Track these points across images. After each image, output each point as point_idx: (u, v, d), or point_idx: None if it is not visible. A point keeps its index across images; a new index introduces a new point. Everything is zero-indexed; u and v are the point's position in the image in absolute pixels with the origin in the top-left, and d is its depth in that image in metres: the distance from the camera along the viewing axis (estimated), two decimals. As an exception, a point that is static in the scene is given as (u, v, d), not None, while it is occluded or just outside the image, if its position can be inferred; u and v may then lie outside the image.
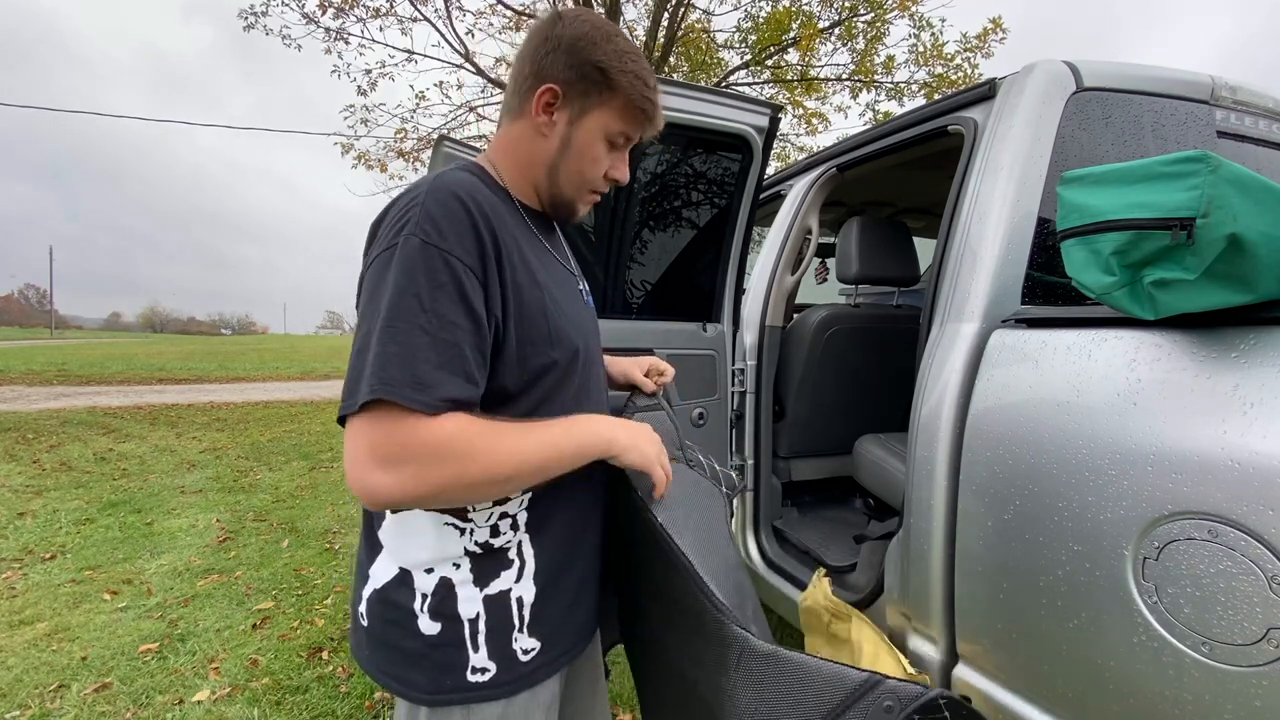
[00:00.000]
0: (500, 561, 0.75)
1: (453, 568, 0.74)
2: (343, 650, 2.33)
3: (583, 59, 0.77)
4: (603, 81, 0.77)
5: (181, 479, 4.88)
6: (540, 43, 0.79)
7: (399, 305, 0.63)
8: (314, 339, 61.37)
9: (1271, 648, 0.69)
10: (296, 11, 6.91)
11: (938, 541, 1.12)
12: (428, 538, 0.74)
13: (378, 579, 0.75)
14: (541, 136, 0.79)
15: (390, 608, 0.74)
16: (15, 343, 32.21)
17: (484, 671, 0.74)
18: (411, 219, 0.66)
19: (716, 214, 1.78)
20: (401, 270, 0.63)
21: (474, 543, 0.74)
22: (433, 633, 0.73)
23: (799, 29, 7.34)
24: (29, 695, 2.01)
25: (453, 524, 0.74)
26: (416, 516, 0.74)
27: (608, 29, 0.79)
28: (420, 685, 0.73)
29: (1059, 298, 1.19)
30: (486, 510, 0.75)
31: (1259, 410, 0.72)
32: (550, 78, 0.77)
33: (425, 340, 0.62)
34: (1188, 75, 1.34)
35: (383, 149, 7.93)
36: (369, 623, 0.76)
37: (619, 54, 0.78)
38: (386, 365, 0.61)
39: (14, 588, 2.85)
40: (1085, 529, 0.87)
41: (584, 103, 0.78)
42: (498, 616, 0.75)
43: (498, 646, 0.75)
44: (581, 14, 0.80)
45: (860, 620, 1.29)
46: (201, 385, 12.20)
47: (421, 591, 0.73)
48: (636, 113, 0.80)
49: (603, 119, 0.79)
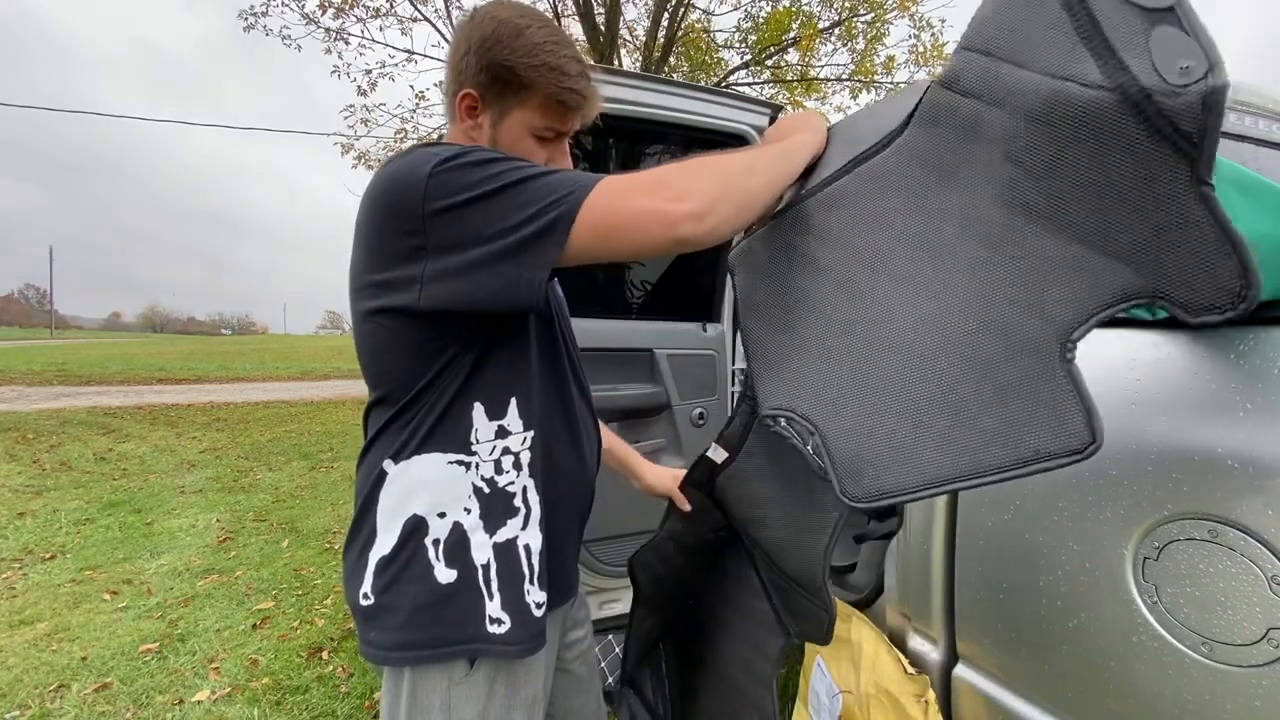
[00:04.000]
0: (507, 507, 0.76)
1: (464, 512, 0.74)
2: (343, 650, 2.33)
3: (491, 60, 0.76)
4: (514, 80, 0.76)
5: (181, 479, 4.88)
6: (455, 47, 0.79)
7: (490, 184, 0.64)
8: (314, 339, 61.41)
9: (1271, 648, 0.69)
10: (296, 12, 6.92)
11: (938, 541, 1.12)
12: (437, 479, 0.74)
13: (382, 546, 0.75)
14: (472, 140, 0.80)
15: (402, 566, 0.74)
16: (15, 343, 32.21)
17: (500, 623, 0.74)
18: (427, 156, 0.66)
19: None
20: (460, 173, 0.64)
21: (480, 478, 0.75)
22: (449, 580, 0.73)
23: (799, 29, 7.35)
24: (29, 695, 2.01)
25: (458, 460, 0.74)
26: (422, 460, 0.74)
27: (517, 23, 0.77)
28: (440, 639, 0.73)
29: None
30: (489, 444, 0.75)
31: (1259, 410, 0.72)
32: (467, 83, 0.78)
33: (544, 171, 0.66)
34: (1188, 75, 1.34)
35: (383, 149, 7.94)
36: (375, 598, 0.74)
37: (528, 49, 0.76)
38: (554, 187, 0.64)
39: (14, 588, 2.85)
40: (1085, 529, 0.87)
41: (502, 104, 0.78)
42: (508, 564, 0.76)
43: (511, 596, 0.75)
44: (492, 10, 0.79)
45: (860, 620, 1.29)
46: (201, 385, 12.20)
47: (434, 539, 0.74)
48: (557, 106, 0.78)
49: (523, 117, 0.78)
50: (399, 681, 0.75)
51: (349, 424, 7.75)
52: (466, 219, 0.64)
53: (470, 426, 0.75)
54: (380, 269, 0.69)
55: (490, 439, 0.75)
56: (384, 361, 0.75)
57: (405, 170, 0.67)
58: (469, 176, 0.64)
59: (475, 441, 0.75)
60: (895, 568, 1.26)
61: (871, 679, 1.17)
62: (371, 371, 0.77)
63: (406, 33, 7.46)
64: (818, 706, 1.34)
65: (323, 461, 5.66)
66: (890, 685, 1.13)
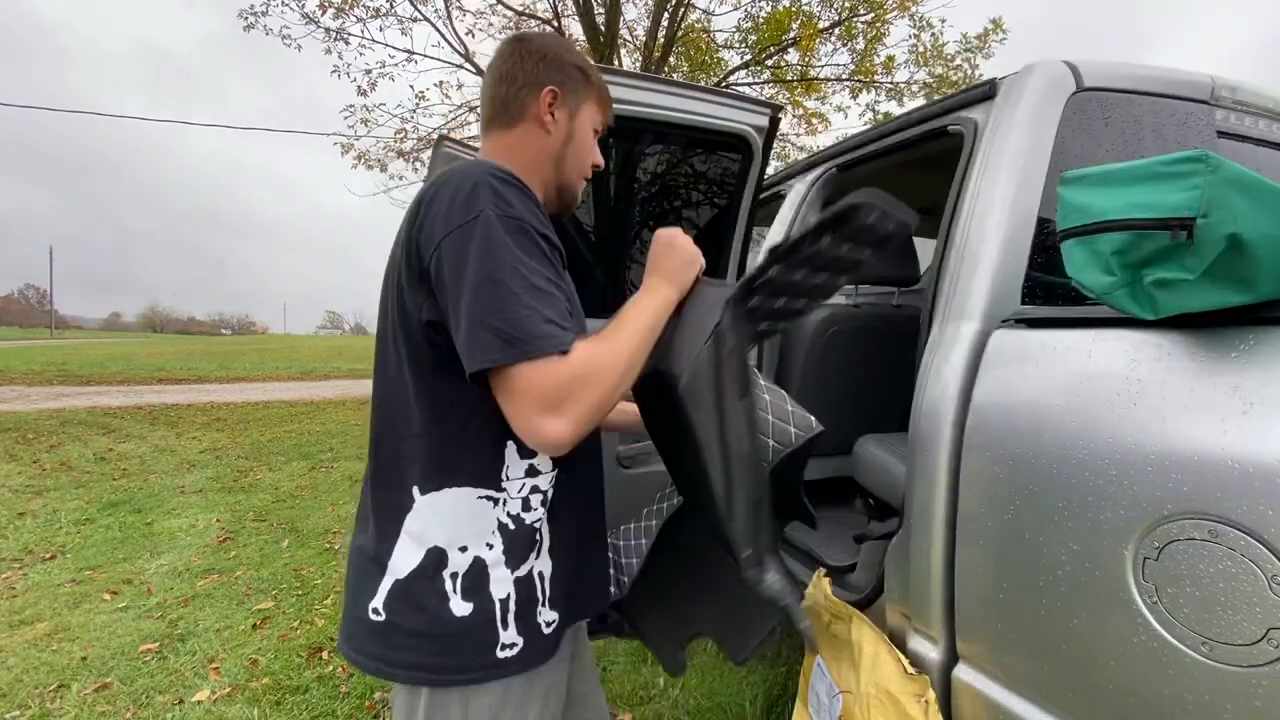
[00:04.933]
0: (528, 540, 0.80)
1: (486, 547, 0.77)
2: (343, 650, 2.33)
3: (566, 63, 0.89)
4: (584, 79, 0.91)
5: (181, 479, 4.88)
6: (520, 60, 0.88)
7: (503, 270, 0.67)
8: (314, 339, 61.40)
9: (1271, 648, 0.69)
10: (296, 11, 6.91)
11: (938, 541, 1.12)
12: (463, 514, 0.77)
13: (400, 569, 0.76)
14: (546, 133, 0.88)
15: (417, 594, 0.76)
16: (15, 343, 32.20)
17: (512, 647, 0.78)
18: (479, 196, 0.70)
19: (716, 214, 1.78)
20: (492, 240, 0.68)
21: (507, 514, 0.78)
22: (464, 614, 0.76)
23: (799, 29, 7.35)
24: (29, 695, 2.01)
25: (488, 496, 0.77)
26: (452, 494, 0.76)
27: (566, 40, 0.94)
28: (447, 667, 0.76)
29: (1059, 298, 1.19)
30: (519, 481, 0.79)
31: (1259, 410, 0.72)
32: (548, 81, 0.87)
33: (540, 297, 0.68)
34: (1187, 75, 1.34)
35: (383, 149, 7.94)
36: (386, 615, 0.76)
37: (584, 57, 0.93)
38: (514, 324, 0.66)
39: (14, 588, 2.85)
40: (1085, 529, 0.87)
41: (576, 99, 0.90)
42: (525, 594, 0.79)
43: (525, 622, 0.79)
44: (539, 33, 0.96)
45: (860, 620, 1.29)
46: (201, 385, 12.20)
47: (453, 572, 0.76)
48: (608, 104, 0.95)
49: (590, 110, 0.92)
50: (415, 696, 0.78)
51: (349, 424, 7.75)
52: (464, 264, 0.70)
53: (503, 464, 0.77)
54: None
55: (520, 477, 0.79)
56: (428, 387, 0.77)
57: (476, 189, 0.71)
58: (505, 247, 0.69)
59: (505, 479, 0.78)
60: (895, 568, 1.26)
61: (872, 679, 1.17)
62: (417, 390, 0.78)
63: (406, 33, 7.46)
64: (818, 706, 1.34)
65: (323, 461, 5.66)
66: (890, 685, 1.13)
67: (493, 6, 7.58)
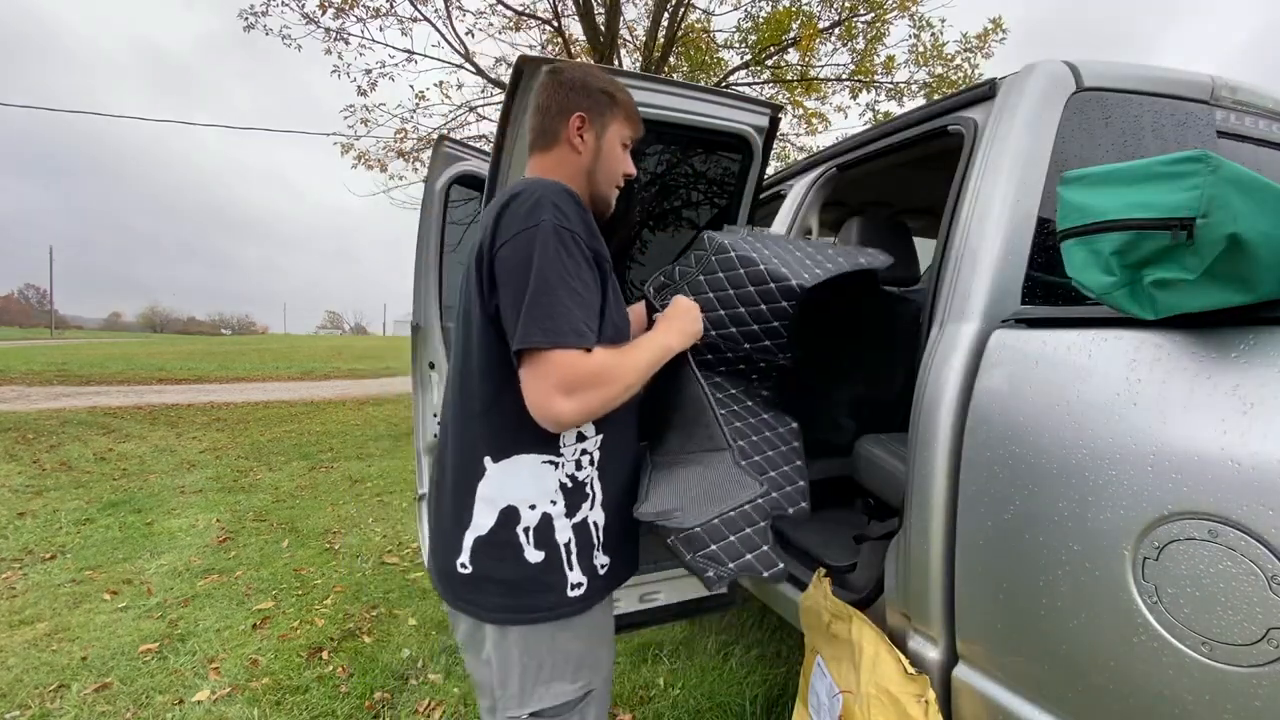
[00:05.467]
0: (581, 494, 0.96)
1: (550, 504, 0.93)
2: (343, 650, 2.33)
3: (593, 89, 1.05)
4: (611, 101, 1.06)
5: (181, 479, 4.89)
6: (553, 92, 1.05)
7: (552, 272, 0.83)
8: (314, 339, 61.39)
9: (1271, 648, 0.69)
10: (296, 12, 6.91)
11: (938, 541, 1.12)
12: (530, 477, 0.92)
13: (480, 527, 0.92)
14: (577, 154, 1.05)
15: (497, 547, 0.92)
16: (15, 343, 32.21)
17: (579, 586, 0.94)
18: (543, 207, 0.85)
19: (716, 214, 1.78)
20: (548, 246, 0.84)
21: (565, 475, 0.94)
22: (538, 560, 0.92)
23: (799, 29, 7.34)
24: (29, 695, 2.02)
25: (549, 461, 0.93)
26: (520, 461, 0.92)
27: (593, 69, 1.10)
28: (530, 607, 0.92)
29: (1059, 298, 1.19)
30: (572, 446, 0.95)
31: (1259, 410, 0.72)
32: (576, 108, 1.03)
33: (577, 300, 0.84)
34: (1188, 75, 1.34)
35: (382, 149, 7.93)
36: (473, 568, 0.93)
37: (611, 80, 1.08)
38: (554, 318, 0.81)
39: (14, 588, 2.85)
40: (1085, 529, 0.87)
41: (603, 120, 1.06)
42: (583, 540, 0.95)
43: (586, 564, 0.95)
44: (570, 63, 1.11)
45: (860, 620, 1.29)
46: (201, 385, 12.20)
47: (525, 526, 0.92)
48: (636, 118, 1.11)
49: (617, 128, 1.08)
50: (507, 635, 0.94)
51: (349, 424, 7.75)
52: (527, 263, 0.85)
53: (558, 433, 0.92)
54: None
55: (573, 443, 0.95)
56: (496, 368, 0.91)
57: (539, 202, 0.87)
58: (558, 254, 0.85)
59: (562, 445, 0.94)
60: (895, 568, 1.26)
61: (872, 679, 1.17)
62: (483, 372, 0.93)
63: (406, 33, 7.45)
64: (818, 706, 1.34)
65: (323, 461, 5.66)
66: (891, 685, 1.13)
67: (493, 6, 7.57)
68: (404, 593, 2.86)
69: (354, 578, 3.03)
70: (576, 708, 0.96)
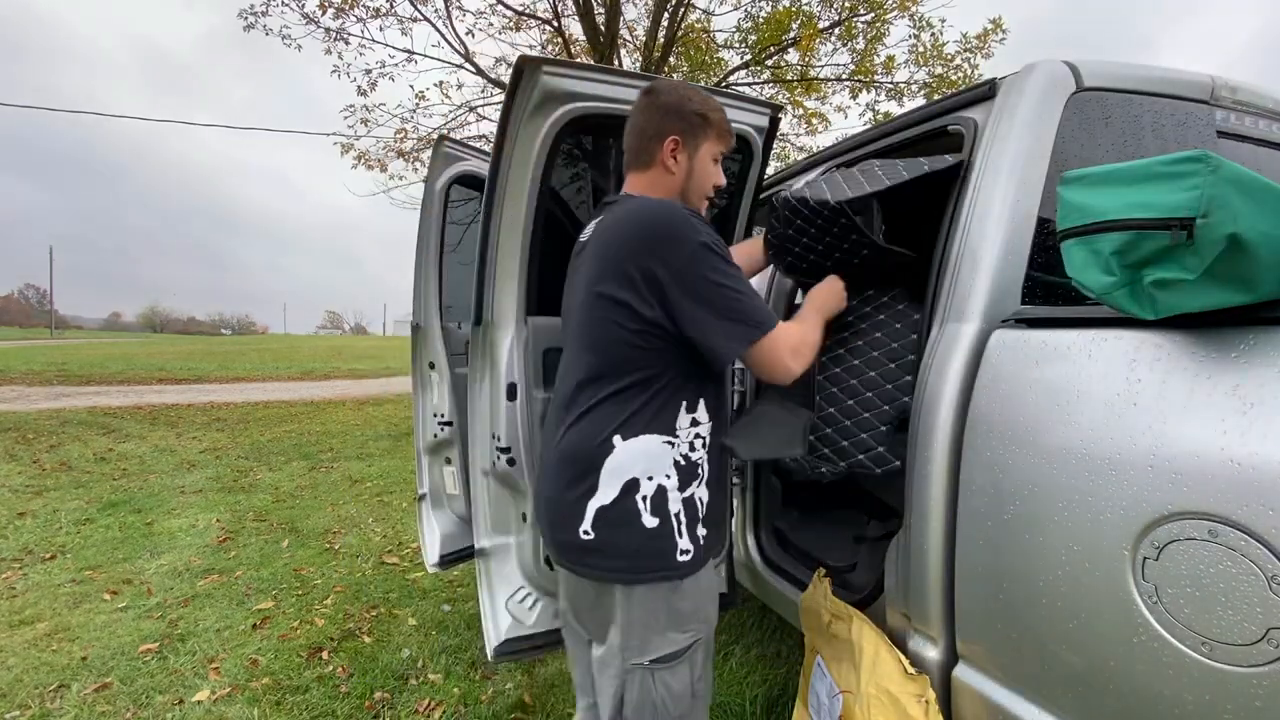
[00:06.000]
0: (693, 472, 1.09)
1: (666, 477, 1.06)
2: (343, 650, 2.33)
3: (687, 111, 1.14)
4: (703, 122, 1.15)
5: (181, 479, 4.89)
6: (649, 115, 1.15)
7: (728, 281, 1.01)
8: (314, 339, 61.38)
9: (1271, 648, 0.69)
10: (296, 12, 6.91)
11: (937, 541, 1.12)
12: (652, 455, 1.05)
13: (604, 498, 1.05)
14: (671, 174, 1.16)
15: (619, 514, 1.04)
16: (15, 343, 32.21)
17: (687, 552, 1.06)
18: (688, 228, 1.01)
19: (716, 214, 1.78)
20: (714, 263, 1.01)
21: (679, 454, 1.07)
22: (654, 525, 1.05)
23: (799, 29, 7.34)
24: (29, 695, 2.02)
25: (668, 441, 1.06)
26: (645, 440, 1.05)
27: (688, 87, 1.18)
28: (647, 568, 1.05)
29: (1059, 298, 1.19)
30: (687, 430, 1.08)
31: (1259, 410, 0.72)
32: (671, 131, 1.14)
33: (751, 294, 1.03)
34: (1188, 75, 1.34)
35: (383, 149, 7.93)
36: (595, 535, 1.05)
37: (704, 101, 1.16)
38: (753, 314, 1.02)
39: (14, 588, 2.85)
40: (1085, 529, 0.87)
41: (695, 141, 1.16)
42: (691, 513, 1.08)
43: (691, 533, 1.07)
44: (667, 82, 1.20)
45: (860, 620, 1.29)
46: (201, 385, 12.20)
47: (643, 495, 1.05)
48: (728, 134, 1.21)
49: (709, 146, 1.17)
50: (631, 594, 1.06)
51: (349, 424, 7.75)
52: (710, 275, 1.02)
53: (676, 417, 1.07)
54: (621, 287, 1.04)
55: (688, 427, 1.08)
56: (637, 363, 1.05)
57: (677, 229, 1.01)
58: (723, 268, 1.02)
59: (679, 428, 1.07)
60: (895, 568, 1.26)
61: (872, 679, 1.17)
62: (620, 366, 1.05)
63: (406, 33, 7.44)
64: (818, 707, 1.34)
65: (323, 461, 5.66)
66: (890, 685, 1.13)
67: (493, 6, 7.57)
68: (404, 593, 2.86)
69: (354, 578, 3.03)
70: (687, 654, 1.10)
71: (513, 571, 1.63)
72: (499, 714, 1.96)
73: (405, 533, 3.72)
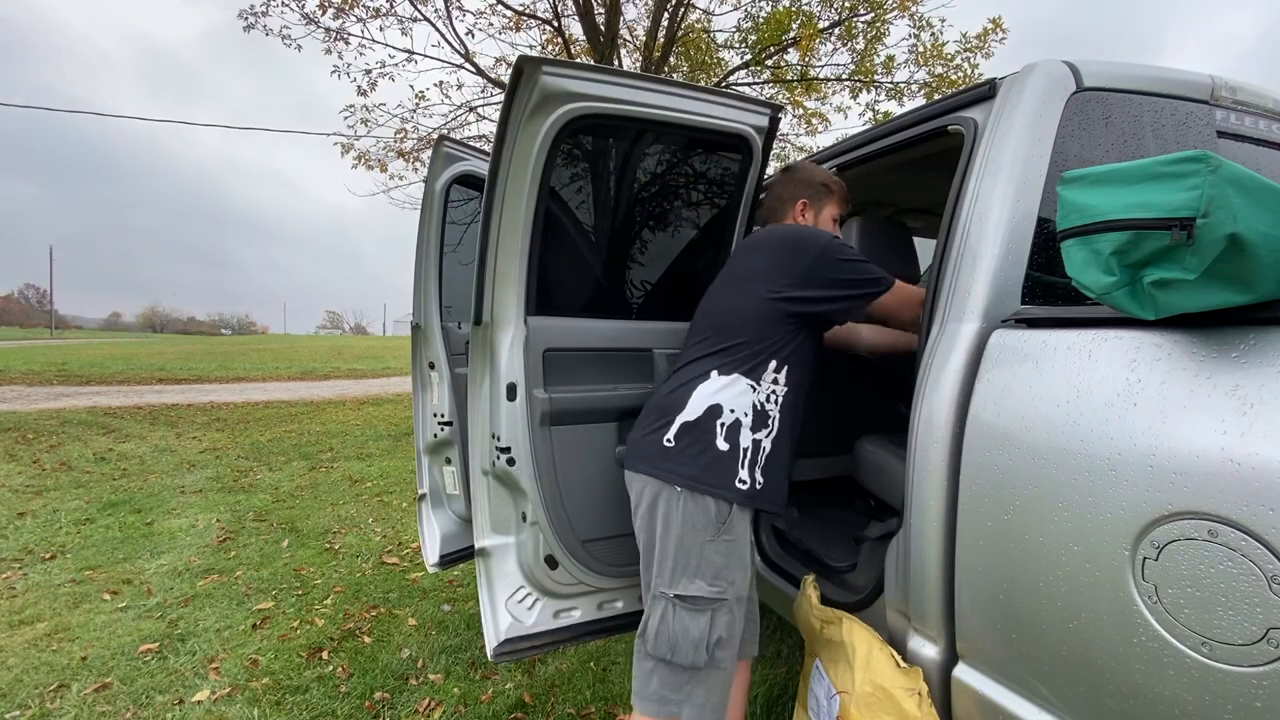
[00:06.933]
0: (765, 421, 1.30)
1: (743, 415, 1.28)
2: (343, 650, 2.33)
3: (815, 182, 1.57)
4: (825, 190, 1.57)
5: (181, 479, 4.89)
6: (785, 185, 1.59)
7: (854, 260, 1.33)
8: (314, 339, 61.35)
9: (1271, 648, 0.69)
10: (296, 12, 6.91)
11: (937, 542, 1.12)
12: (737, 391, 1.29)
13: (690, 414, 1.28)
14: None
15: (699, 431, 1.27)
16: (15, 343, 32.20)
17: (745, 483, 1.26)
18: (819, 234, 1.37)
19: (716, 214, 1.78)
20: (842, 250, 1.34)
21: (758, 400, 1.30)
22: (724, 449, 1.26)
23: (799, 29, 7.33)
24: (29, 695, 2.02)
25: (751, 386, 1.30)
26: (735, 378, 1.29)
27: (815, 168, 1.62)
28: (707, 481, 1.24)
29: (1059, 298, 1.19)
30: (768, 382, 1.31)
31: (1259, 410, 0.72)
32: (801, 195, 1.56)
33: (867, 263, 1.34)
34: (1188, 75, 1.34)
35: (383, 149, 7.92)
36: (675, 443, 1.28)
37: (829, 174, 1.59)
38: (873, 273, 1.33)
39: (14, 588, 2.85)
40: (1085, 529, 0.87)
41: (819, 204, 1.57)
42: (754, 453, 1.28)
43: (750, 471, 1.27)
44: (802, 163, 1.69)
45: (850, 621, 1.29)
46: (201, 385, 12.20)
47: (722, 422, 1.27)
48: (845, 200, 1.61)
49: (830, 209, 1.58)
50: (683, 503, 1.24)
51: (349, 424, 7.75)
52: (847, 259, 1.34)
53: (764, 371, 1.30)
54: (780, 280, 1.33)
55: (769, 382, 1.31)
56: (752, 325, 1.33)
57: (812, 234, 1.38)
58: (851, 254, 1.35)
59: (761, 380, 1.30)
60: (895, 568, 1.26)
61: (866, 677, 1.17)
62: (740, 326, 1.32)
63: (406, 33, 7.44)
64: (816, 708, 1.34)
65: (323, 461, 5.66)
66: (884, 681, 1.14)
67: (493, 6, 7.56)
68: (404, 593, 2.86)
69: (354, 578, 3.03)
70: (709, 607, 1.24)
71: (513, 571, 1.63)
72: (499, 714, 1.96)
73: (405, 533, 3.72)
